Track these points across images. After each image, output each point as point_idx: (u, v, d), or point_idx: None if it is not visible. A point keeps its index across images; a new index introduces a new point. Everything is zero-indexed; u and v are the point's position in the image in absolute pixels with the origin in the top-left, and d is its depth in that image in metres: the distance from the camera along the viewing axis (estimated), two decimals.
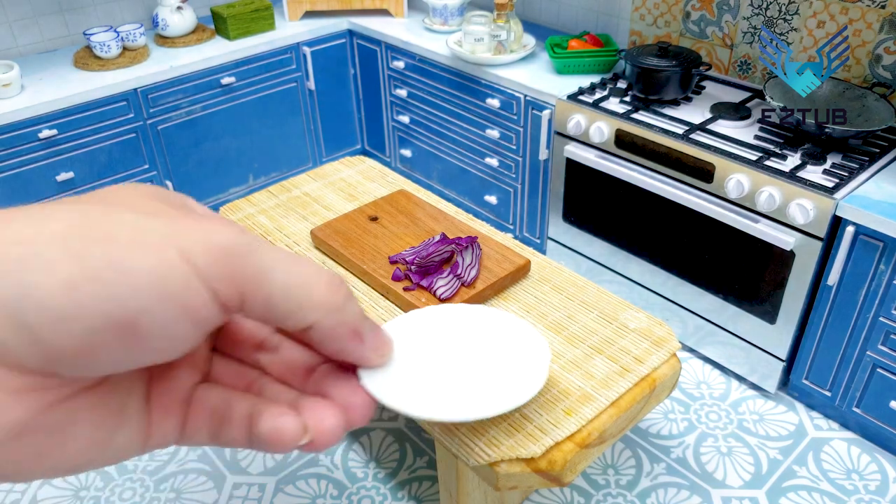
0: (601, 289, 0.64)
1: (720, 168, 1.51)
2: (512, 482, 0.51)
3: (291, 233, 1.32)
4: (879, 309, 1.40)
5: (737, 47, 1.86)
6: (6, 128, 1.80)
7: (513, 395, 0.43)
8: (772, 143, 1.54)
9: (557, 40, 1.99)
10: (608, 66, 1.93)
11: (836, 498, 1.47)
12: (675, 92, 1.72)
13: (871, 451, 1.58)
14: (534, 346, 0.48)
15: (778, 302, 1.54)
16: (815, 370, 1.58)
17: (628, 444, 1.59)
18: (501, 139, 2.03)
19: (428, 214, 1.38)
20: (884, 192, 1.38)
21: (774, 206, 1.43)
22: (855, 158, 1.47)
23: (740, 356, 1.70)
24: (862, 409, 1.54)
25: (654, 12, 1.99)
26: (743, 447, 1.59)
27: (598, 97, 1.77)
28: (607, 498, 1.47)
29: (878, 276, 1.37)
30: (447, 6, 2.23)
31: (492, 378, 0.44)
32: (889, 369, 1.45)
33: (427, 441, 1.58)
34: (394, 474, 1.52)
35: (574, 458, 0.49)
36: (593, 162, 1.73)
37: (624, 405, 0.53)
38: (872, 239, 1.35)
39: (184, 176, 2.22)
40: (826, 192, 1.37)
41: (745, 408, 1.69)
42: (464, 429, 0.50)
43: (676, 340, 0.60)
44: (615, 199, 1.77)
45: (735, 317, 1.65)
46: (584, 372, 0.54)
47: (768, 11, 1.76)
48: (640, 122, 1.65)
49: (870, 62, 1.63)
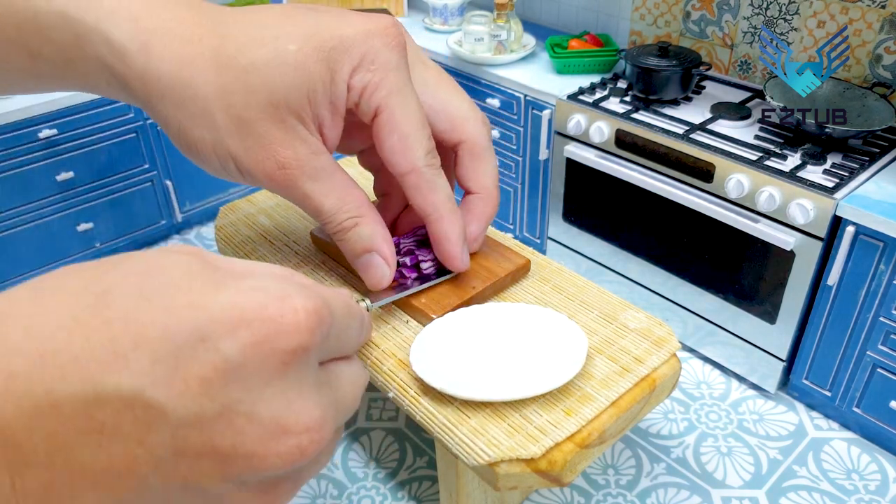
0: (601, 289, 0.64)
1: (720, 168, 1.51)
2: (512, 482, 0.51)
3: (291, 233, 1.32)
4: (879, 309, 1.40)
5: (737, 47, 1.86)
6: (6, 128, 1.80)
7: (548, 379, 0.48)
8: (772, 143, 1.54)
9: (557, 40, 1.99)
10: (608, 66, 1.93)
11: (836, 498, 1.47)
12: (675, 92, 1.72)
13: (871, 451, 1.58)
14: (572, 335, 0.52)
15: (778, 302, 1.54)
16: (815, 370, 1.58)
17: (628, 444, 1.59)
18: (501, 139, 2.02)
19: None
20: (884, 192, 1.38)
21: (774, 206, 1.43)
22: (855, 158, 1.47)
23: (740, 356, 1.70)
24: (862, 409, 1.54)
25: (654, 12, 1.99)
26: (743, 447, 1.59)
27: (598, 97, 1.77)
28: (607, 498, 1.47)
29: (878, 276, 1.37)
30: (447, 6, 2.23)
31: (531, 364, 0.49)
32: (889, 369, 1.45)
33: (427, 441, 1.58)
34: (394, 474, 1.52)
35: (574, 458, 0.49)
36: (593, 162, 1.73)
37: (624, 405, 0.53)
38: (872, 239, 1.35)
39: (184, 176, 2.22)
40: (826, 192, 1.37)
41: (745, 408, 1.69)
42: (464, 429, 0.50)
43: (676, 340, 0.61)
44: (615, 199, 1.77)
45: (735, 317, 1.65)
46: (584, 372, 0.54)
47: (768, 11, 1.76)
48: (640, 121, 1.65)
49: (870, 62, 1.63)
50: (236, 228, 0.92)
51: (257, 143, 0.38)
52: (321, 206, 0.41)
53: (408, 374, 0.53)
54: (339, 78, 0.38)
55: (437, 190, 0.43)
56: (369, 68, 0.39)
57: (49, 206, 1.96)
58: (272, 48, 0.37)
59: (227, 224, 0.94)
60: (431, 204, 0.44)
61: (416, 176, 0.42)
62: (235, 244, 0.87)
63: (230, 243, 0.89)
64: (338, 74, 0.38)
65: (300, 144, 0.39)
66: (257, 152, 0.38)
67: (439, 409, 0.51)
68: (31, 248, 1.98)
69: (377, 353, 0.60)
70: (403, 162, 0.42)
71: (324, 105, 0.39)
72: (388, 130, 0.41)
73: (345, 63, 0.38)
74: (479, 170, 0.48)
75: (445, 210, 0.44)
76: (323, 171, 0.40)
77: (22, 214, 1.92)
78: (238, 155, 0.38)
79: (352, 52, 0.38)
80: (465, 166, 0.48)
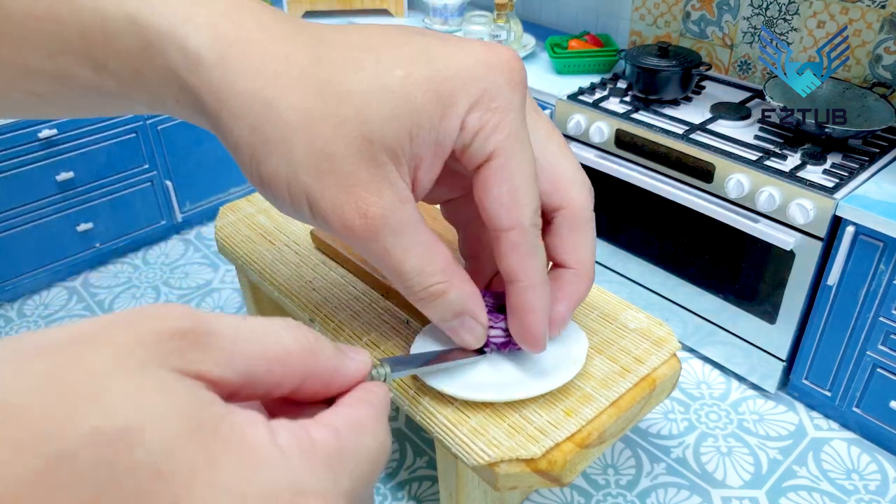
0: (601, 289, 0.64)
1: (720, 168, 1.51)
2: (512, 482, 0.51)
3: (291, 233, 1.32)
4: (879, 309, 1.40)
5: (737, 47, 1.86)
6: (6, 128, 1.80)
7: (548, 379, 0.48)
8: (772, 143, 1.54)
9: (557, 40, 1.99)
10: (608, 66, 1.93)
11: (836, 498, 1.47)
12: (675, 92, 1.72)
13: (871, 451, 1.58)
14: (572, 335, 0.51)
15: (778, 302, 1.54)
16: (815, 370, 1.58)
17: (628, 444, 1.59)
18: None
19: (428, 214, 1.38)
20: (884, 192, 1.38)
21: (774, 206, 1.43)
22: (855, 158, 1.47)
23: (740, 356, 1.70)
24: (862, 409, 1.54)
25: (654, 12, 1.99)
26: (743, 447, 1.59)
27: (598, 97, 1.77)
28: (607, 498, 1.47)
29: (878, 276, 1.37)
30: (447, 6, 2.23)
31: (531, 364, 0.48)
32: (889, 369, 1.45)
33: (427, 441, 1.58)
34: (394, 474, 1.52)
35: (574, 458, 0.49)
36: (593, 162, 1.73)
37: (624, 405, 0.53)
38: (872, 239, 1.35)
39: (184, 176, 2.22)
40: (826, 192, 1.37)
41: (745, 408, 1.69)
42: (464, 429, 0.50)
43: (676, 340, 0.61)
44: (615, 199, 1.77)
45: (735, 317, 1.65)
46: (584, 372, 0.54)
47: (768, 11, 1.76)
48: (640, 122, 1.65)
49: (870, 62, 1.63)
50: (236, 228, 0.92)
51: (338, 184, 0.32)
52: (401, 266, 0.36)
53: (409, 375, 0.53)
54: (452, 114, 0.33)
55: (536, 256, 0.38)
56: (489, 106, 0.34)
57: (49, 206, 1.96)
58: (372, 73, 0.32)
59: (227, 224, 0.94)
60: (524, 269, 0.38)
61: (519, 235, 0.37)
62: (235, 244, 0.87)
63: (230, 243, 0.89)
64: (451, 110, 0.33)
65: (387, 189, 0.33)
66: (337, 195, 0.32)
67: (439, 409, 0.51)
68: (31, 248, 1.98)
69: (377, 353, 0.60)
70: (507, 217, 0.36)
71: (427, 144, 0.34)
72: (499, 179, 0.35)
73: (461, 98, 0.33)
74: (579, 243, 0.42)
75: (539, 280, 0.38)
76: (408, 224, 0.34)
77: (22, 214, 1.92)
78: (314, 195, 0.32)
79: (470, 87, 0.33)
80: (563, 237, 0.41)
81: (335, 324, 0.64)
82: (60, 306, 2.07)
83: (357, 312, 0.65)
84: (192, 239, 2.35)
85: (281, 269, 0.76)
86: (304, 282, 0.72)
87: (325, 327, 0.65)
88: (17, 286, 2.03)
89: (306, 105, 0.31)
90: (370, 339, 0.65)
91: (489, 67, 0.34)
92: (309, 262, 0.75)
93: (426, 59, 0.33)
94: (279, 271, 0.76)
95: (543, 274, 0.39)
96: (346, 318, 0.64)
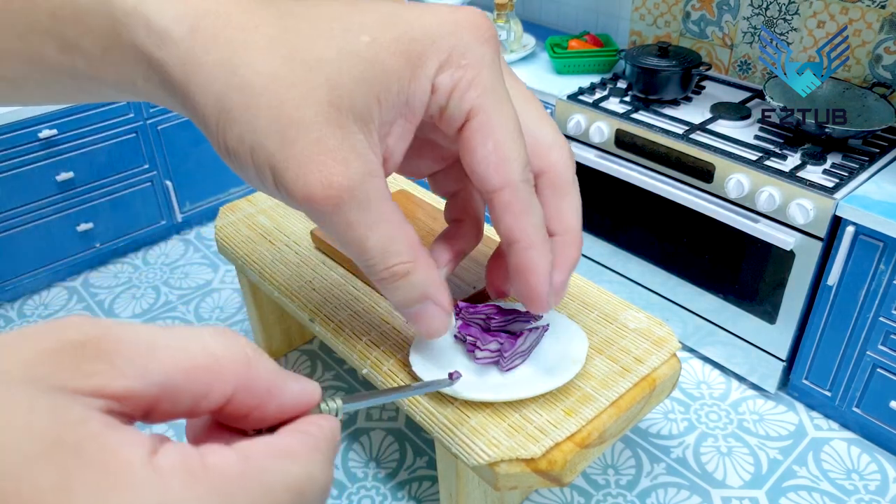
0: (601, 289, 0.64)
1: (720, 168, 1.51)
2: (512, 482, 0.51)
3: (291, 233, 1.32)
4: (879, 309, 1.40)
5: (737, 47, 1.86)
6: (6, 128, 1.80)
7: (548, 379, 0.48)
8: (772, 143, 1.54)
9: (557, 40, 1.99)
10: (608, 66, 1.93)
11: (836, 498, 1.47)
12: (675, 92, 1.72)
13: (871, 451, 1.58)
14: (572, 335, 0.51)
15: (778, 302, 1.54)
16: (815, 370, 1.58)
17: (628, 444, 1.59)
18: None
19: (428, 214, 1.38)
20: (884, 192, 1.38)
21: (774, 206, 1.43)
22: (855, 158, 1.47)
23: (740, 356, 1.70)
24: (862, 409, 1.54)
25: (654, 12, 1.99)
26: (743, 447, 1.59)
27: (598, 97, 1.77)
28: (607, 498, 1.47)
29: (878, 276, 1.37)
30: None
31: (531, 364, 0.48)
32: (889, 369, 1.45)
33: (427, 441, 1.58)
34: (394, 474, 1.52)
35: (574, 458, 0.49)
36: (593, 162, 1.73)
37: (624, 405, 0.53)
38: (872, 239, 1.35)
39: (184, 176, 2.22)
40: (826, 192, 1.37)
41: (745, 408, 1.69)
42: (464, 429, 0.50)
43: (676, 340, 0.60)
44: (615, 199, 1.77)
45: (735, 317, 1.65)
46: (584, 372, 0.54)
47: (768, 11, 1.76)
48: (640, 122, 1.65)
49: (870, 62, 1.63)
50: (236, 228, 0.92)
51: (304, 152, 0.31)
52: (364, 242, 0.34)
53: (408, 374, 0.53)
54: (421, 74, 0.32)
55: (532, 212, 0.36)
56: (460, 63, 0.33)
57: (49, 206, 1.96)
58: (341, 39, 0.31)
59: (227, 224, 0.93)
60: (522, 228, 0.37)
61: (511, 193, 0.35)
62: (235, 244, 0.87)
63: (230, 243, 0.89)
64: (420, 70, 0.32)
65: (355, 160, 0.32)
66: (302, 163, 0.31)
67: (439, 409, 0.51)
68: (31, 248, 1.98)
69: (377, 353, 0.60)
70: (497, 176, 0.35)
71: (397, 108, 0.33)
72: (482, 137, 0.34)
73: (430, 58, 0.32)
74: (563, 207, 0.41)
75: (538, 238, 0.37)
76: (375, 197, 0.33)
77: (22, 214, 1.92)
78: (278, 164, 0.31)
79: (438, 46, 0.32)
80: (547, 202, 0.40)
81: (335, 324, 0.64)
82: (60, 306, 2.07)
83: (357, 312, 0.65)
84: (192, 239, 2.35)
85: (281, 269, 0.76)
86: (304, 282, 0.72)
87: (325, 327, 0.65)
88: (17, 286, 2.03)
89: (273, 71, 0.30)
90: (370, 339, 0.65)
91: (456, 25, 0.33)
92: (309, 262, 0.75)
93: (393, 23, 0.32)
94: (279, 271, 0.76)
95: (542, 231, 0.38)
96: (346, 318, 0.64)
